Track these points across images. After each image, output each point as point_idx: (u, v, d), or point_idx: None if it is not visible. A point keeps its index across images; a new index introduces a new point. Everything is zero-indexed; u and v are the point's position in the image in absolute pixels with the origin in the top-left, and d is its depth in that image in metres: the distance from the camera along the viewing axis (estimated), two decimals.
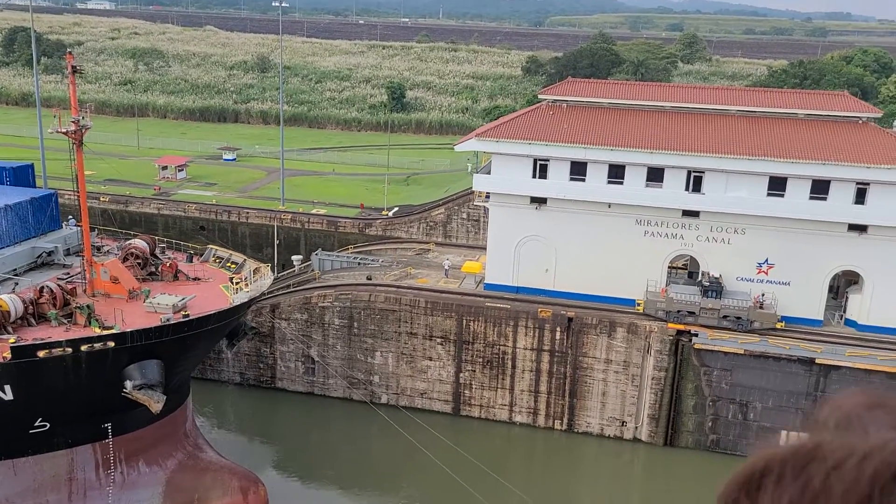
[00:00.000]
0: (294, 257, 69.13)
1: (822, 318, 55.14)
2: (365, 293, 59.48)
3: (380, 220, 77.75)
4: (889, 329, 53.92)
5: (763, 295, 54.35)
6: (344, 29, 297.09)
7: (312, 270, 66.32)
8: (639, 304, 55.80)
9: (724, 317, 53.32)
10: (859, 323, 54.76)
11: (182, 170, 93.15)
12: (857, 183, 52.87)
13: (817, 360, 51.75)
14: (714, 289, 53.62)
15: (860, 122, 56.54)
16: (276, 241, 68.22)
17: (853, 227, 53.62)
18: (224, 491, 46.16)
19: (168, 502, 44.75)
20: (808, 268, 54.46)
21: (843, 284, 57.39)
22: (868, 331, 54.10)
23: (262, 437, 57.24)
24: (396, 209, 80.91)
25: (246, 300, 45.99)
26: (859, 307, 54.85)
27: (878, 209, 52.65)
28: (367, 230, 76.73)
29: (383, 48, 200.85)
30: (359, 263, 67.12)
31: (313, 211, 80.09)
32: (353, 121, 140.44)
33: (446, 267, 63.61)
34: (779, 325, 53.90)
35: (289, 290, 62.23)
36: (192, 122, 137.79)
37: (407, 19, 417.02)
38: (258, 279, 48.02)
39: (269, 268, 51.29)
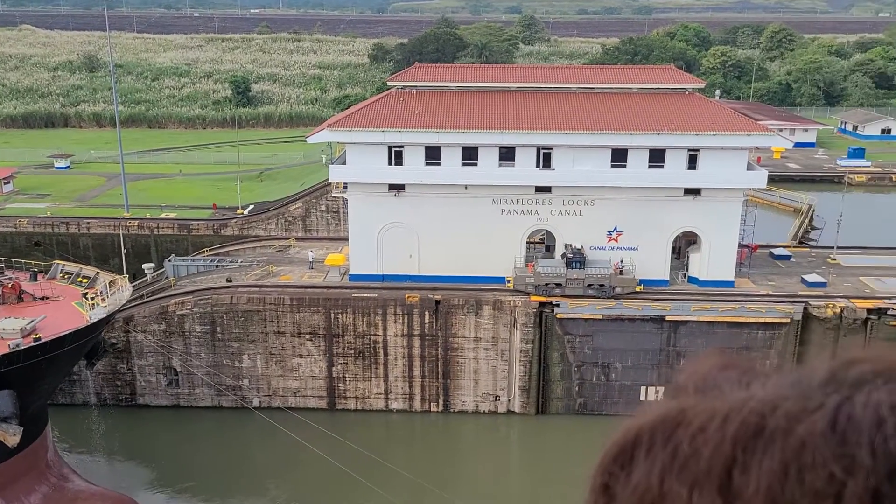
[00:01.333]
0: (145, 266, 65.57)
1: (668, 279, 59.10)
2: (226, 296, 57.49)
3: (235, 220, 75.26)
4: (726, 282, 58.69)
5: (622, 261, 57.47)
6: (178, 22, 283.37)
7: (167, 278, 63.30)
8: (509, 281, 57.48)
9: (589, 285, 55.93)
10: (700, 279, 59.17)
11: (8, 182, 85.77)
12: (689, 150, 56.91)
13: (667, 318, 55.52)
14: (577, 259, 56.13)
15: (686, 92, 60.79)
16: (124, 251, 64.37)
17: (688, 191, 57.70)
18: None
19: None
20: (652, 232, 58.13)
21: (684, 245, 61.76)
22: (708, 286, 58.59)
23: (130, 457, 54.19)
24: (252, 207, 78.60)
25: (104, 316, 43.37)
26: (699, 265, 59.25)
27: (708, 173, 56.94)
28: (222, 231, 74.06)
29: (223, 41, 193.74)
30: (216, 266, 64.72)
31: (162, 215, 76.31)
32: (197, 118, 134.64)
33: (310, 259, 62.73)
34: (638, 289, 57.24)
35: (143, 301, 59.05)
36: (16, 130, 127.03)
37: (257, 10, 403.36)
38: (115, 292, 45.45)
39: (126, 279, 48.62)
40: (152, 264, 66.59)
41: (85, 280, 48.22)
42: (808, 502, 1.24)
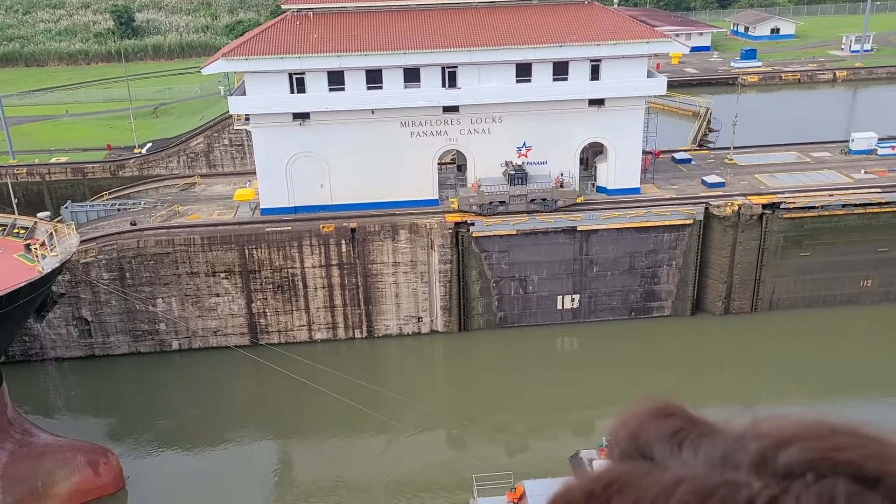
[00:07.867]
0: (40, 215, 61.83)
1: (578, 190, 60.40)
2: (132, 240, 55.43)
3: (133, 160, 71.86)
4: (632, 189, 60.49)
5: (562, 174, 58.09)
6: None
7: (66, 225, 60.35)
8: (452, 202, 57.41)
9: (532, 200, 56.46)
10: (608, 188, 60.76)
11: None
12: (591, 60, 57.34)
13: (578, 228, 57.06)
14: (519, 176, 56.46)
15: (586, 2, 60.76)
16: (14, 200, 60.67)
17: (593, 102, 58.45)
18: (71, 470, 42.76)
19: (8, 498, 40.45)
20: (560, 145, 58.90)
21: (591, 156, 63.00)
22: (615, 194, 60.27)
23: (78, 410, 52.88)
24: (150, 145, 75.11)
25: (57, 265, 41.74)
26: (606, 174, 60.71)
27: (610, 83, 57.70)
28: (120, 172, 70.69)
29: None
30: (118, 210, 62.08)
31: (53, 160, 72.10)
32: (78, 53, 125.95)
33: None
34: (579, 200, 58.06)
35: None
36: None
37: None
38: (64, 239, 43.70)
39: (72, 226, 46.65)
40: (48, 213, 63.02)
41: (23, 231, 45.89)
42: None
